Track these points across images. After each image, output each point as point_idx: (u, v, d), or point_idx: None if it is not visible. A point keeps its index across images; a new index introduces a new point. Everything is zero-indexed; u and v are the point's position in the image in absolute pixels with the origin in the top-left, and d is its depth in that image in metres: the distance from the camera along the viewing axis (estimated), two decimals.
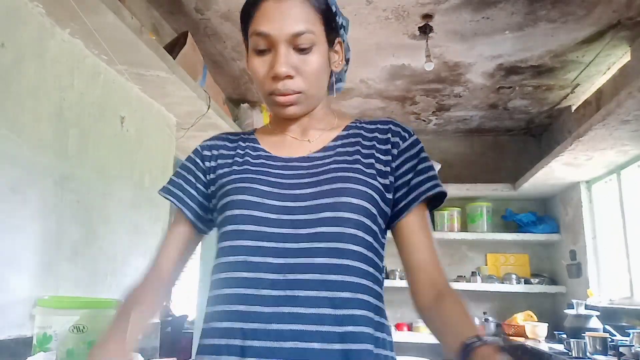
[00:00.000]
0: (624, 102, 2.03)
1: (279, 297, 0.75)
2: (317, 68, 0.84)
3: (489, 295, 3.69)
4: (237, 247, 0.80)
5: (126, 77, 1.84)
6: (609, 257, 3.07)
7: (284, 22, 0.81)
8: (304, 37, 0.81)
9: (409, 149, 0.88)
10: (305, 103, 0.86)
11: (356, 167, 0.84)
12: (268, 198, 0.81)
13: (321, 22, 0.85)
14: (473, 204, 3.79)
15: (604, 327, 2.56)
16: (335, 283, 0.76)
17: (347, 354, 0.73)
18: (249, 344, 0.74)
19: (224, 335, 0.76)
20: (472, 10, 2.27)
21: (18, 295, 1.33)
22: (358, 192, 0.80)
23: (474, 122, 3.79)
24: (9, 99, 1.32)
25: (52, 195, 1.48)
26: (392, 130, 0.89)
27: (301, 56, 0.82)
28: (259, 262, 0.78)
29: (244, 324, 0.75)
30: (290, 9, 0.82)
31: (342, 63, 0.93)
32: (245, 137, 0.96)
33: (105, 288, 1.74)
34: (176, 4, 2.30)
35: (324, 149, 0.89)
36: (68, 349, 1.14)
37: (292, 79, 0.82)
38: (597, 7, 2.21)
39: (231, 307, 0.77)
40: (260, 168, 0.87)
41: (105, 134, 1.77)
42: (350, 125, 0.93)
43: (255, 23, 0.84)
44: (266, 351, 0.73)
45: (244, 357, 0.73)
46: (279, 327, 0.74)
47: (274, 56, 0.82)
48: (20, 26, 1.36)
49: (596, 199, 3.23)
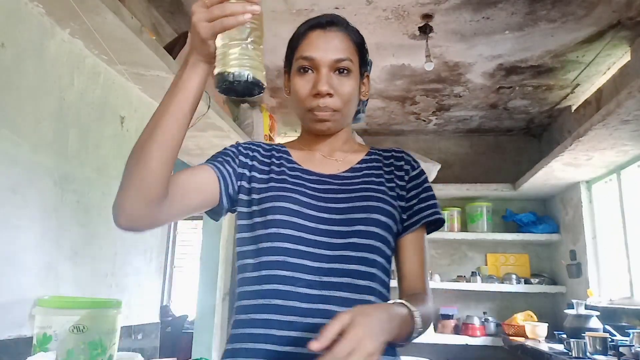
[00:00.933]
0: (624, 102, 2.03)
1: (314, 296, 0.85)
2: (351, 91, 0.96)
3: (489, 295, 3.69)
4: (277, 248, 0.88)
5: (126, 77, 1.84)
6: (609, 257, 3.07)
7: (328, 49, 0.95)
8: (343, 63, 0.95)
9: (416, 177, 1.02)
10: (339, 122, 0.98)
11: (382, 188, 0.97)
12: (306, 208, 0.92)
13: (357, 54, 1.00)
14: (473, 204, 3.79)
15: (604, 327, 2.56)
16: (364, 288, 0.88)
17: None
18: (285, 334, 0.83)
19: (262, 326, 0.85)
20: (472, 10, 2.27)
21: (18, 295, 1.33)
22: (385, 211, 0.93)
23: (474, 122, 3.79)
24: (9, 99, 1.32)
25: (52, 195, 1.48)
26: (404, 159, 1.04)
27: (340, 79, 0.95)
28: (297, 263, 0.87)
29: (281, 316, 0.84)
30: (334, 38, 0.96)
31: (367, 94, 1.07)
32: (278, 148, 1.06)
33: (105, 288, 1.75)
34: (176, 4, 2.30)
35: (351, 169, 1.01)
36: (68, 349, 1.14)
37: (331, 97, 0.94)
38: (597, 7, 2.21)
39: (270, 301, 0.86)
40: (297, 180, 0.97)
41: (105, 134, 1.77)
42: (370, 151, 1.07)
43: (302, 49, 0.97)
44: (302, 341, 0.80)
45: (280, 346, 0.82)
46: (314, 321, 0.83)
47: (316, 77, 0.95)
48: (20, 26, 1.36)
49: (596, 199, 3.23)
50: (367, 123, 3.82)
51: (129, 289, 1.90)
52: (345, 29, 0.99)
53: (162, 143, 0.77)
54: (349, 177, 0.99)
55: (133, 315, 1.90)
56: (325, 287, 0.86)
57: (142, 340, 1.94)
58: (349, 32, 0.99)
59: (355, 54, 0.99)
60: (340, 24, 0.99)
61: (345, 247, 0.89)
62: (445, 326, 3.55)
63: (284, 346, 0.82)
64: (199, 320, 3.29)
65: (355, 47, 0.99)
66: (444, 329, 3.54)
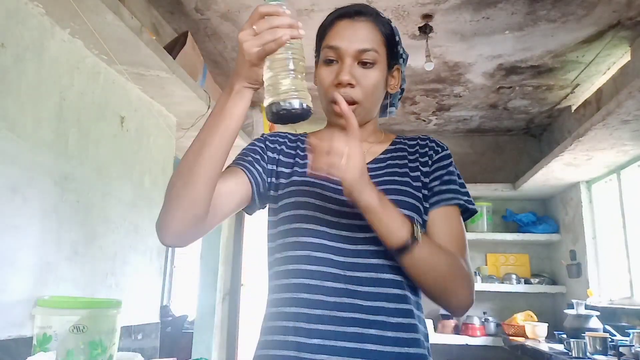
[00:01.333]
0: (624, 102, 2.03)
1: (340, 289, 0.86)
2: (375, 83, 0.95)
3: (489, 295, 3.68)
4: (303, 243, 0.90)
5: (126, 77, 1.84)
6: (609, 257, 3.07)
7: (354, 39, 0.93)
8: (368, 54, 0.93)
9: (440, 160, 1.00)
10: (361, 115, 0.95)
11: (406, 180, 0.96)
12: (329, 202, 0.92)
13: (385, 45, 0.97)
14: None
15: (604, 327, 2.56)
16: (388, 281, 0.88)
17: (398, 341, 0.85)
18: (314, 327, 0.84)
19: (291, 319, 0.86)
20: (472, 10, 2.27)
21: (18, 295, 1.33)
22: (408, 204, 0.92)
23: (474, 122, 3.79)
24: (9, 99, 1.32)
25: (52, 195, 1.48)
26: (429, 145, 1.02)
27: (364, 70, 0.93)
28: (322, 257, 0.88)
29: (309, 310, 0.86)
30: (360, 28, 0.94)
31: (397, 87, 1.04)
32: (303, 139, 1.05)
33: (105, 288, 1.74)
34: (176, 4, 2.30)
35: (375, 160, 1.00)
36: (68, 349, 1.14)
37: (352, 88, 0.92)
38: (597, 7, 2.21)
39: (298, 295, 0.87)
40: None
41: (105, 134, 1.77)
42: (395, 140, 1.06)
43: (328, 39, 0.96)
44: (330, 334, 0.83)
45: (310, 338, 0.84)
46: (341, 315, 0.84)
47: (340, 67, 0.93)
48: (20, 26, 1.36)
49: (596, 199, 3.23)
50: None
51: (129, 289, 1.90)
52: (375, 20, 0.97)
53: (209, 166, 0.79)
54: (373, 169, 0.97)
55: (133, 315, 1.90)
56: (351, 281, 0.87)
57: (142, 340, 1.94)
58: (377, 22, 0.97)
59: (382, 45, 0.96)
60: (369, 14, 0.97)
61: (367, 242, 0.88)
62: (445, 326, 3.55)
63: (313, 339, 0.84)
64: (199, 320, 3.29)
65: (383, 38, 0.97)
66: (444, 329, 3.54)
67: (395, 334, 0.85)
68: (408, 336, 0.86)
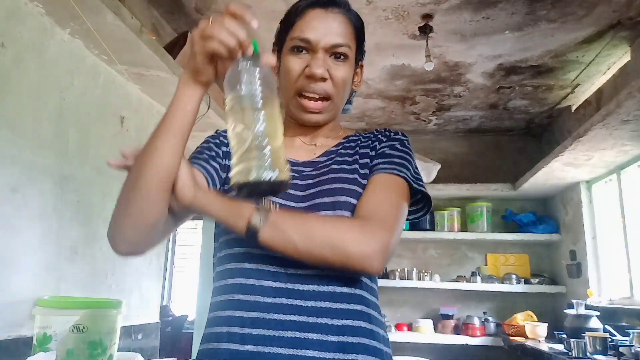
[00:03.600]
0: (624, 102, 2.03)
1: (280, 289, 0.78)
2: (346, 78, 0.91)
3: (489, 295, 3.68)
4: (240, 239, 0.80)
5: (126, 77, 1.84)
6: (609, 257, 3.07)
7: (328, 32, 0.88)
8: (342, 49, 0.89)
9: (388, 141, 0.93)
10: (330, 113, 0.92)
11: (354, 167, 0.89)
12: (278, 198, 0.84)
13: (355, 41, 0.93)
14: (473, 204, 3.79)
15: (604, 327, 2.56)
16: (335, 278, 0.79)
17: (343, 346, 0.76)
18: (247, 332, 0.76)
19: (225, 324, 0.79)
20: (472, 10, 2.27)
21: (18, 295, 1.33)
22: (354, 192, 0.84)
23: (474, 122, 3.79)
24: (9, 99, 1.32)
25: (52, 195, 1.48)
26: (383, 134, 0.96)
27: (336, 64, 0.89)
28: (261, 254, 0.79)
29: (244, 313, 0.77)
30: (334, 21, 0.89)
31: (359, 85, 1.00)
32: None
33: (105, 288, 1.74)
34: (176, 4, 2.30)
35: (326, 153, 0.94)
36: (68, 349, 1.14)
37: (324, 82, 0.88)
38: (597, 7, 2.21)
39: (233, 297, 0.80)
40: None
41: (105, 134, 1.77)
42: (350, 135, 0.99)
43: (298, 29, 0.90)
44: (265, 339, 0.75)
45: (243, 345, 0.75)
46: (278, 317, 0.76)
47: (312, 58, 0.88)
48: (20, 26, 1.36)
49: (596, 199, 3.22)
50: (367, 123, 3.82)
51: (129, 289, 1.90)
52: (347, 12, 0.92)
53: (157, 169, 0.74)
54: (322, 161, 0.92)
55: (133, 315, 1.90)
56: (292, 279, 0.78)
57: (142, 340, 1.94)
58: (350, 15, 0.92)
59: (354, 40, 0.92)
60: (342, 6, 0.92)
61: None
62: (445, 326, 3.55)
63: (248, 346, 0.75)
64: (199, 320, 3.29)
65: (354, 33, 0.93)
66: (444, 329, 3.54)
67: (341, 339, 0.76)
68: (357, 341, 0.77)
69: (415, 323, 3.59)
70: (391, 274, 3.67)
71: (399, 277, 3.65)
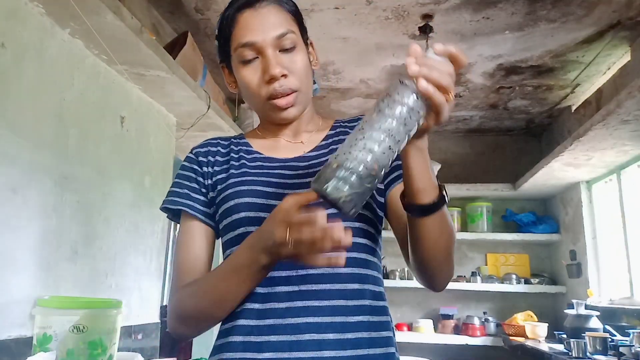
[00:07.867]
0: (624, 102, 2.03)
1: (293, 293, 0.79)
2: (305, 65, 0.88)
3: (489, 295, 3.69)
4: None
5: (126, 77, 1.84)
6: (609, 257, 3.07)
7: (265, 28, 0.85)
8: (286, 38, 0.86)
9: None
10: (302, 103, 0.89)
11: None
12: (270, 199, 0.83)
13: (295, 23, 0.90)
14: (473, 204, 3.79)
15: (604, 327, 2.56)
16: (344, 275, 0.80)
17: (359, 342, 0.77)
18: (264, 339, 0.77)
19: (239, 333, 0.79)
20: (472, 10, 2.27)
21: (18, 295, 1.33)
22: None
23: (474, 122, 3.79)
24: (9, 99, 1.32)
25: (52, 195, 1.48)
26: None
27: (288, 56, 0.86)
28: None
29: (260, 321, 0.78)
30: (267, 14, 0.86)
31: (318, 62, 0.97)
32: (236, 141, 0.97)
33: (105, 288, 1.74)
34: (176, 4, 2.30)
35: (316, 148, 0.92)
36: (68, 349, 1.14)
37: (286, 78, 0.85)
38: (597, 7, 2.21)
39: (246, 306, 0.80)
40: (258, 170, 0.89)
41: (105, 134, 1.77)
42: (334, 125, 0.98)
43: (237, 37, 0.87)
44: (283, 345, 0.76)
45: (261, 352, 0.76)
46: (294, 322, 0.77)
47: (263, 62, 0.85)
48: (20, 26, 1.36)
49: (596, 199, 3.23)
50: None
51: (129, 289, 1.90)
52: (276, 1, 0.88)
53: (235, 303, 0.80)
54: (315, 156, 0.90)
55: (133, 315, 1.90)
56: (304, 281, 0.79)
57: (142, 340, 1.94)
58: (280, 2, 0.89)
59: (294, 23, 0.89)
60: None
61: None
62: (445, 326, 3.55)
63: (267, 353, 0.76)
64: None
65: (292, 17, 0.89)
66: (444, 329, 3.54)
67: (356, 335, 0.78)
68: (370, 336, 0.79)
69: (415, 323, 3.59)
70: (391, 274, 3.67)
71: (399, 277, 3.65)
